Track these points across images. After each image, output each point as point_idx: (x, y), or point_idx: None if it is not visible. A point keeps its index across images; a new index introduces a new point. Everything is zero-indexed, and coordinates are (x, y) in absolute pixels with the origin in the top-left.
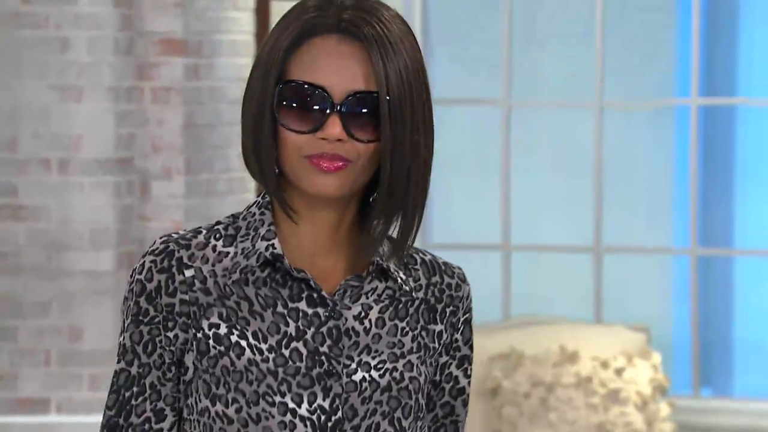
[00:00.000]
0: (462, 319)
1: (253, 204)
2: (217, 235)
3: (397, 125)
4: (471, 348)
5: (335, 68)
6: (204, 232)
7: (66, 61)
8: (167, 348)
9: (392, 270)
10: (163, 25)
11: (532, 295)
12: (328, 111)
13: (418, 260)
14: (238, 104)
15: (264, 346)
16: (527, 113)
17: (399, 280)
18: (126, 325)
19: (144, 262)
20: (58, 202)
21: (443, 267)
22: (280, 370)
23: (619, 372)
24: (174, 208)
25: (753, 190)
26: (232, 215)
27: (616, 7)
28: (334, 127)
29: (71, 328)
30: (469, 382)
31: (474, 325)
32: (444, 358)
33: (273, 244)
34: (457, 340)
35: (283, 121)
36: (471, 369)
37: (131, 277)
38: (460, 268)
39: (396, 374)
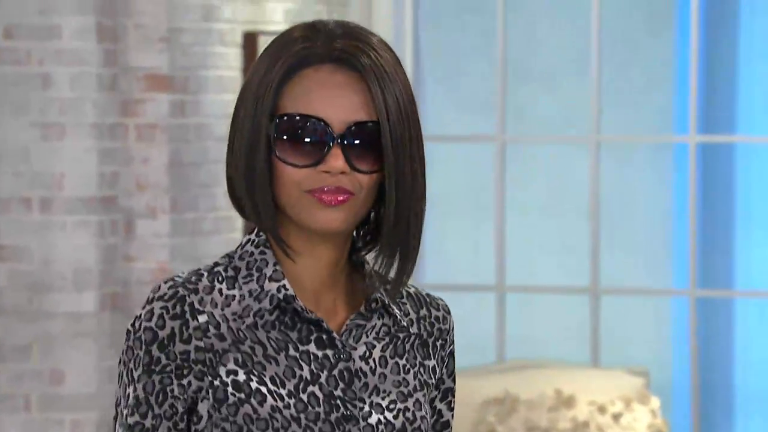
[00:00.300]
0: (448, 352)
1: (248, 242)
2: (219, 278)
3: (399, 154)
4: (454, 380)
5: (332, 99)
6: (205, 274)
7: (48, 98)
8: (180, 397)
9: (392, 306)
10: (148, 61)
11: (528, 337)
12: (329, 143)
13: (404, 293)
14: (225, 141)
15: (283, 392)
16: (522, 151)
17: (398, 316)
18: (136, 375)
19: (152, 308)
20: (39, 242)
21: (428, 299)
22: (302, 416)
23: (616, 417)
24: (159, 248)
25: (754, 229)
26: (228, 255)
27: (613, 42)
28: (337, 159)
29: (52, 371)
30: (452, 416)
31: (467, 368)
32: (432, 393)
33: (284, 285)
34: (442, 373)
35: (281, 156)
36: (454, 401)
37: (133, 326)
38: (442, 300)
39: (408, 414)
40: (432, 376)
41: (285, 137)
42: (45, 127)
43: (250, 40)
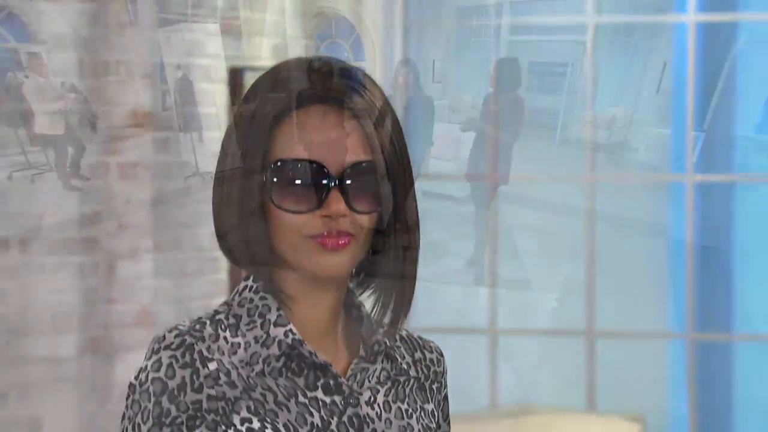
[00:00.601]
0: (444, 395)
1: (245, 288)
2: (222, 326)
3: (397, 192)
4: (449, 423)
5: (327, 141)
6: (208, 322)
7: (28, 135)
8: None
9: (394, 349)
10: (130, 97)
11: (521, 381)
12: (328, 187)
13: (397, 336)
14: (210, 180)
15: None
16: (515, 189)
17: (399, 360)
18: (145, 429)
19: (159, 358)
20: (18, 285)
21: (421, 342)
22: None
23: None
24: (141, 290)
25: (754, 270)
26: (226, 303)
27: (610, 76)
28: (338, 203)
29: (30, 418)
30: None
31: (460, 414)
32: None
33: (291, 330)
34: (438, 416)
35: (278, 202)
36: None
37: (138, 378)
38: (434, 342)
39: None
40: (432, 420)
41: (282, 183)
42: (24, 164)
43: (235, 76)
